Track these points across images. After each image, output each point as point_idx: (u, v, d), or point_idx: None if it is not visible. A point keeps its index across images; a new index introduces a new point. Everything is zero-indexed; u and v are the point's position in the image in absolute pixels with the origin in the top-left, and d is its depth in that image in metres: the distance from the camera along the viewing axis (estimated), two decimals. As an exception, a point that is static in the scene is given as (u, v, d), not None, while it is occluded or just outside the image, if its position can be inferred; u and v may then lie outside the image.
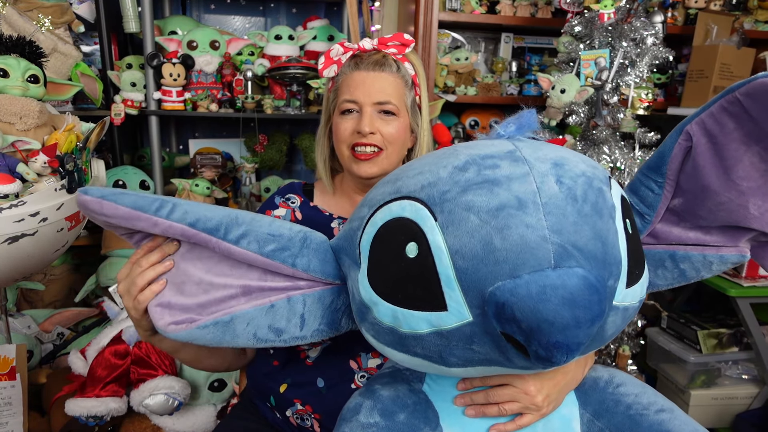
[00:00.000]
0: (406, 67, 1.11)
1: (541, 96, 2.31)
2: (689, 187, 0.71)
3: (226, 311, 0.69)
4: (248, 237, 0.68)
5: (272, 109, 2.13)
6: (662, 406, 0.75)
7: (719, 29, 2.14)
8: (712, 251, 0.74)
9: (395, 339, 0.65)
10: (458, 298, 0.58)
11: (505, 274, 0.55)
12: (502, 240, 0.56)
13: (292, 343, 0.73)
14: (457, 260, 0.57)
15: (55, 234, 1.21)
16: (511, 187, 0.58)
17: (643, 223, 0.75)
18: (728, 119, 0.65)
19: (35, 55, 1.27)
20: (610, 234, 0.61)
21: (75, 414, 1.33)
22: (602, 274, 0.58)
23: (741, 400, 2.01)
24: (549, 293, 0.52)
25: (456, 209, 0.58)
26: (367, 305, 0.66)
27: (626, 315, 0.66)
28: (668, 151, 0.70)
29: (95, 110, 2.06)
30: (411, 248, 0.60)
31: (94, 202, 0.65)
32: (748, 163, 0.66)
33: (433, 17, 2.25)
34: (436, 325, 0.61)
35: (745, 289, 1.79)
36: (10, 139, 1.19)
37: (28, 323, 1.72)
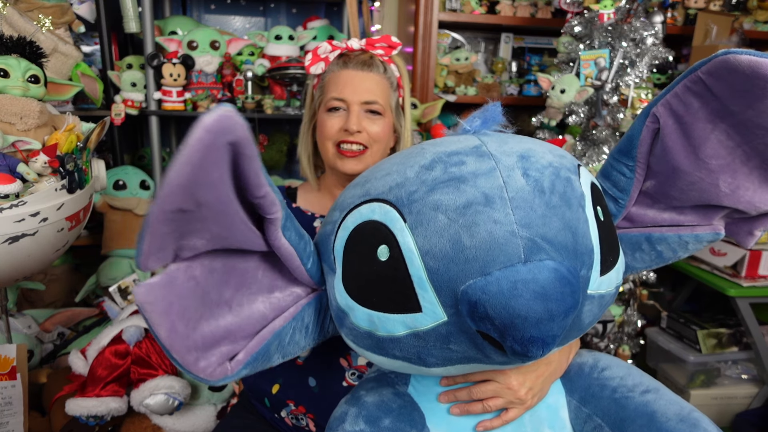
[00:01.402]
0: (392, 68, 1.13)
1: (541, 96, 2.32)
2: (660, 168, 0.71)
3: (264, 336, 0.65)
4: (290, 227, 0.63)
5: (272, 109, 2.13)
6: (647, 386, 0.75)
7: (719, 29, 2.14)
8: (687, 231, 0.74)
9: (373, 343, 0.65)
10: (432, 299, 0.58)
11: (476, 272, 0.55)
12: (471, 238, 0.55)
13: (296, 354, 0.71)
14: (428, 261, 0.57)
15: (55, 234, 1.21)
16: (477, 183, 0.58)
17: (617, 208, 0.75)
18: (693, 99, 0.64)
19: (36, 55, 1.27)
20: (580, 223, 0.60)
21: (75, 414, 1.33)
22: (574, 265, 0.58)
23: (740, 400, 2.01)
24: (520, 288, 0.52)
25: (424, 209, 0.58)
26: (344, 311, 0.66)
27: (603, 302, 0.66)
28: (636, 135, 0.70)
29: (96, 110, 2.07)
30: (382, 251, 0.60)
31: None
32: (715, 141, 0.66)
33: (433, 17, 2.26)
34: (412, 326, 0.60)
35: (744, 289, 1.79)
36: (11, 139, 1.19)
37: (28, 323, 1.73)
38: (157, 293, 0.54)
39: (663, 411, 0.71)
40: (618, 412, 0.73)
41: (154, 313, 0.54)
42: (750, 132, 0.64)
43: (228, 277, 0.63)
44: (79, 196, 1.23)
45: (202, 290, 0.59)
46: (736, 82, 0.60)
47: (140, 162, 2.42)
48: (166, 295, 0.55)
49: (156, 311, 0.54)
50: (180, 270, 0.56)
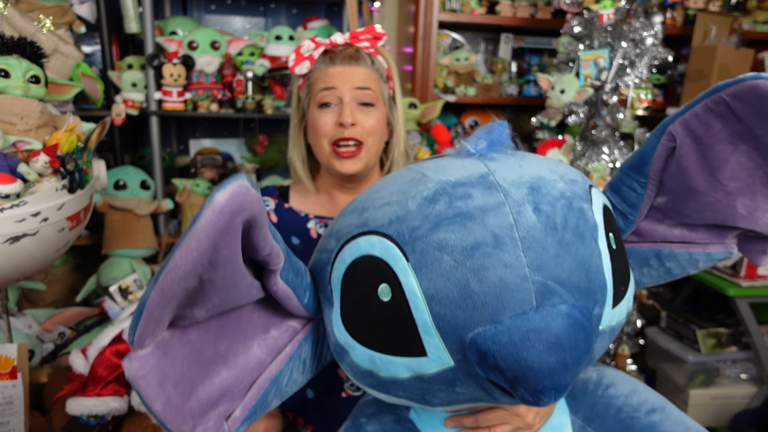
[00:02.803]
0: (380, 60, 1.10)
1: (541, 96, 2.32)
2: (673, 186, 0.69)
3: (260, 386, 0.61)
4: (288, 266, 0.59)
5: (272, 109, 2.14)
6: (653, 405, 0.74)
7: (718, 30, 2.14)
8: (698, 249, 0.71)
9: (375, 382, 0.62)
10: (438, 345, 0.55)
11: (485, 320, 0.52)
12: (480, 283, 0.52)
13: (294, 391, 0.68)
14: (434, 306, 0.54)
15: (56, 234, 1.21)
16: (485, 221, 0.54)
17: (625, 223, 0.72)
18: (714, 119, 0.62)
19: (36, 55, 1.28)
20: (594, 258, 0.58)
21: (76, 413, 1.34)
22: (588, 305, 0.55)
23: (740, 400, 2.02)
24: (532, 339, 0.49)
25: (428, 249, 0.54)
26: (343, 347, 0.63)
27: (613, 334, 0.64)
28: (650, 152, 0.67)
29: (96, 110, 2.07)
30: (383, 290, 0.56)
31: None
32: (735, 163, 0.64)
33: (433, 17, 2.26)
34: (416, 370, 0.57)
35: (744, 289, 1.79)
36: (12, 140, 1.20)
37: (29, 323, 1.73)
38: (150, 365, 0.51)
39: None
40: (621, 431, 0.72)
41: (149, 388, 0.51)
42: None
43: (224, 329, 0.59)
44: (80, 196, 1.23)
45: (197, 353, 0.55)
46: (764, 108, 0.58)
47: (140, 162, 2.42)
48: (162, 366, 0.51)
49: (150, 385, 0.51)
50: (175, 337, 0.53)
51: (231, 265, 0.49)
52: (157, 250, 2.09)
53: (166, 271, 0.44)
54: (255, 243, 0.51)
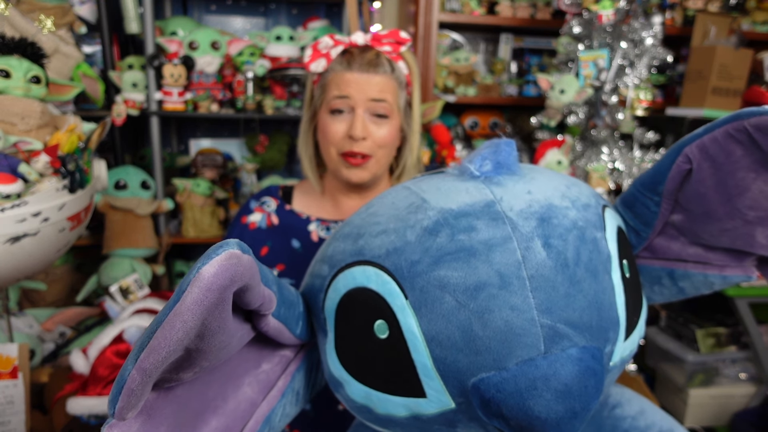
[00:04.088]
0: (400, 66, 1.05)
1: (541, 96, 2.32)
2: (690, 207, 0.65)
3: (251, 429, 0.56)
4: (280, 302, 0.54)
5: (273, 109, 2.14)
6: (660, 428, 0.71)
7: (717, 30, 2.14)
8: (714, 270, 0.67)
9: (372, 417, 0.59)
10: (438, 387, 0.52)
11: (489, 365, 0.48)
12: (484, 327, 0.49)
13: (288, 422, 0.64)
14: (434, 348, 0.50)
15: (56, 234, 1.22)
16: (490, 258, 0.50)
17: (638, 239, 0.68)
18: (735, 146, 0.58)
19: (37, 56, 1.28)
20: (607, 294, 0.54)
21: (77, 413, 1.34)
22: (599, 345, 0.52)
23: (739, 399, 2.02)
24: (540, 387, 0.46)
25: (428, 287, 0.51)
26: (338, 380, 0.60)
27: (623, 364, 0.61)
28: (665, 172, 0.63)
29: (97, 111, 2.08)
30: (380, 327, 0.53)
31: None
32: (757, 191, 0.60)
33: (433, 18, 2.26)
34: (414, 411, 0.54)
35: (743, 288, 1.80)
36: (12, 140, 1.20)
37: (30, 322, 1.73)
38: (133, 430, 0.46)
39: None
40: None
41: None
42: None
43: (212, 377, 0.54)
44: (81, 196, 1.24)
45: (183, 407, 0.51)
46: None
47: (141, 162, 2.43)
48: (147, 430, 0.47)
49: None
50: (159, 398, 0.48)
51: (220, 334, 0.45)
52: (158, 250, 2.10)
53: (148, 350, 0.40)
54: (247, 301, 0.48)
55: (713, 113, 2.06)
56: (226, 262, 0.40)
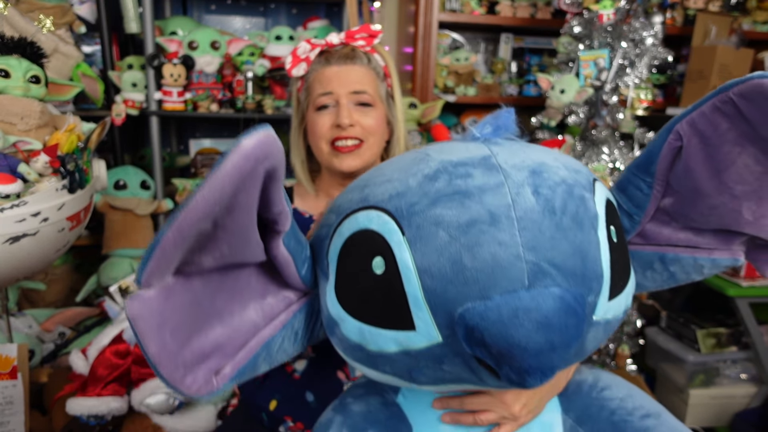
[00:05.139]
0: (377, 58, 1.09)
1: (541, 96, 2.32)
2: (680, 188, 0.67)
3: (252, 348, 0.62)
4: (291, 233, 0.59)
5: (273, 109, 2.14)
6: (648, 410, 0.72)
7: (718, 30, 2.14)
8: (703, 254, 0.69)
9: (363, 356, 0.62)
10: (427, 319, 0.55)
11: (475, 296, 0.51)
12: (472, 259, 0.52)
13: (284, 361, 0.68)
14: (425, 279, 0.54)
15: (56, 234, 1.21)
16: (483, 199, 0.54)
17: (631, 223, 0.70)
18: (721, 119, 0.60)
19: (36, 55, 1.28)
20: (592, 247, 0.57)
21: (76, 413, 1.34)
22: (581, 292, 0.54)
23: (740, 400, 2.02)
24: (521, 317, 0.49)
25: (424, 224, 0.54)
26: (334, 320, 0.63)
27: (609, 328, 0.63)
28: (657, 151, 0.66)
29: (96, 111, 2.07)
30: (377, 263, 0.56)
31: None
32: (742, 165, 0.62)
33: (433, 17, 2.26)
34: (404, 345, 0.57)
35: (744, 289, 1.79)
36: (12, 140, 1.20)
37: (29, 323, 1.73)
38: (152, 307, 0.50)
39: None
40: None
41: (147, 329, 0.50)
42: None
43: (222, 285, 0.59)
44: (80, 196, 1.23)
45: (198, 303, 0.55)
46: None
47: (141, 162, 2.42)
48: (162, 309, 0.51)
49: (149, 327, 0.50)
50: (179, 283, 0.52)
51: (246, 214, 0.49)
52: (157, 250, 2.10)
53: (186, 210, 0.44)
54: (271, 197, 0.52)
55: (714, 113, 2.06)
56: (264, 138, 0.45)
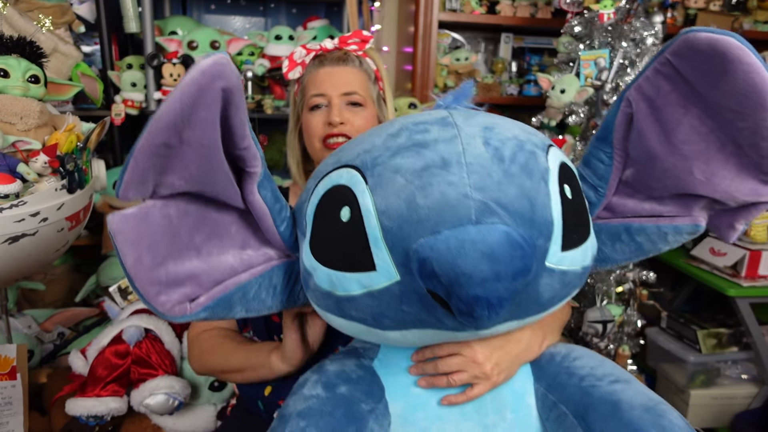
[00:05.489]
0: (368, 62, 1.15)
1: (541, 96, 2.32)
2: (636, 155, 0.70)
3: (227, 286, 0.67)
4: (267, 188, 0.66)
5: (272, 109, 2.13)
6: (618, 377, 0.72)
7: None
8: (666, 222, 0.72)
9: (333, 303, 0.66)
10: (385, 258, 0.59)
11: (427, 231, 0.56)
12: (425, 198, 0.57)
13: (263, 313, 0.73)
14: (384, 220, 0.58)
15: (55, 234, 1.21)
16: (437, 148, 0.60)
17: (596, 196, 0.74)
18: (663, 81, 0.64)
19: (36, 55, 1.27)
20: (540, 195, 0.60)
21: (75, 414, 1.33)
22: (529, 233, 0.57)
23: (740, 400, 2.01)
24: (467, 248, 0.52)
25: (385, 172, 0.60)
26: (309, 272, 0.67)
27: (565, 280, 0.65)
28: (612, 120, 0.69)
29: (96, 110, 2.07)
30: (345, 212, 0.61)
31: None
32: (687, 126, 0.65)
33: (433, 17, 2.26)
34: (367, 285, 0.61)
35: (744, 289, 1.79)
36: (11, 139, 1.20)
37: (28, 323, 1.73)
38: (129, 223, 0.56)
39: (629, 400, 0.68)
40: (582, 399, 0.70)
41: (124, 243, 0.56)
42: (721, 116, 0.63)
43: (201, 223, 0.64)
44: (79, 196, 1.23)
45: (173, 230, 0.61)
46: (698, 62, 0.59)
47: (140, 162, 2.42)
48: (138, 227, 0.57)
49: (125, 240, 0.57)
50: (156, 206, 0.58)
51: (208, 131, 0.54)
52: (157, 250, 2.09)
53: (153, 121, 0.51)
54: (233, 123, 0.57)
55: (714, 113, 2.05)
56: (220, 59, 0.52)
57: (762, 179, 0.66)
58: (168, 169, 0.56)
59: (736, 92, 0.59)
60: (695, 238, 2.07)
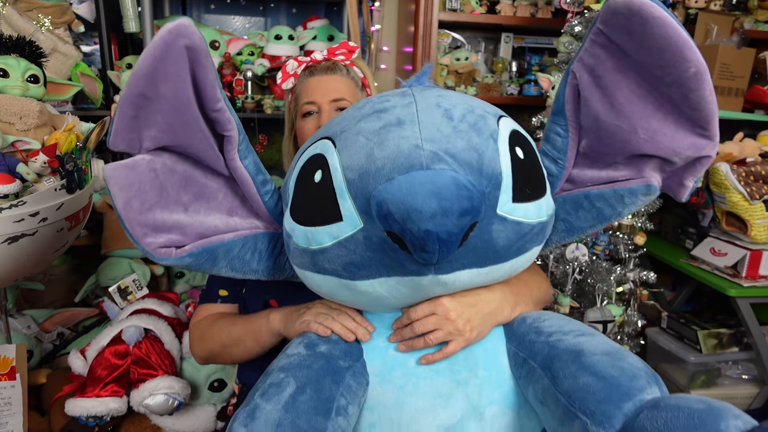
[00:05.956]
0: (356, 70, 1.24)
1: (541, 96, 2.31)
2: (587, 124, 0.75)
3: (212, 240, 0.75)
4: (249, 158, 0.75)
5: (272, 109, 2.13)
6: (584, 332, 0.76)
7: (719, 29, 2.14)
8: (621, 185, 0.77)
9: (309, 259, 0.73)
10: (350, 207, 0.66)
11: (384, 179, 0.62)
12: (381, 151, 0.64)
13: (249, 276, 0.82)
14: (348, 173, 0.66)
15: (55, 234, 1.21)
16: (394, 112, 0.68)
17: (557, 168, 0.79)
18: (599, 50, 0.70)
19: (35, 55, 1.27)
20: (488, 150, 0.66)
21: (75, 414, 1.33)
22: (476, 180, 0.63)
23: (741, 400, 2.01)
24: (417, 187, 0.58)
25: (350, 135, 0.69)
26: (289, 234, 0.75)
27: (520, 231, 0.70)
28: (562, 93, 0.76)
29: (95, 110, 2.06)
30: (317, 175, 0.69)
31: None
32: (626, 89, 0.70)
33: (433, 17, 2.25)
34: (336, 236, 0.68)
35: (745, 289, 1.79)
36: (10, 139, 1.19)
37: (28, 323, 1.72)
38: (120, 171, 0.66)
39: (592, 349, 0.71)
40: (549, 352, 0.73)
41: (115, 186, 0.65)
42: (652, 75, 0.68)
43: (187, 183, 0.73)
44: (79, 196, 1.23)
45: (160, 183, 0.70)
46: (622, 26, 0.65)
47: (140, 162, 2.41)
48: (128, 174, 0.66)
49: (117, 185, 0.65)
50: (144, 160, 0.68)
51: (178, 83, 0.63)
52: (157, 250, 2.09)
53: (132, 77, 0.61)
54: (202, 83, 0.65)
55: (715, 113, 2.05)
56: (183, 21, 0.61)
57: (699, 133, 0.71)
58: (150, 122, 0.65)
59: (657, 48, 0.64)
60: (696, 240, 2.07)
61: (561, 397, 0.68)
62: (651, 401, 0.61)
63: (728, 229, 1.90)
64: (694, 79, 0.66)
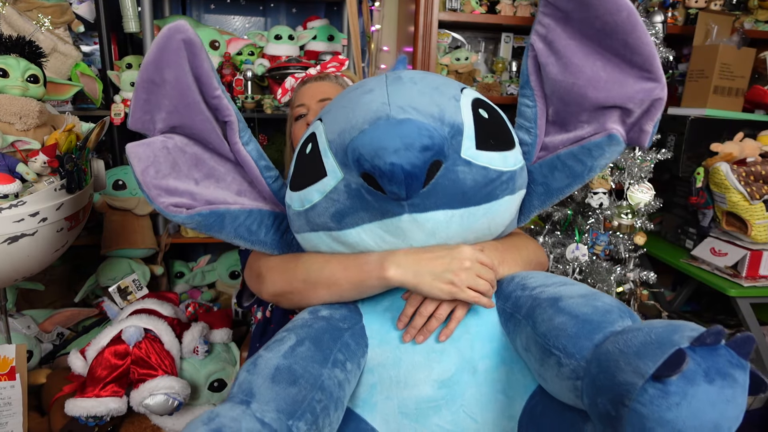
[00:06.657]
0: (345, 80, 1.32)
1: (541, 96, 2.31)
2: (550, 90, 0.84)
3: (220, 206, 0.85)
4: (251, 144, 0.87)
5: (272, 109, 2.13)
6: (566, 282, 0.79)
7: (719, 29, 2.13)
8: (587, 141, 0.83)
9: (304, 220, 0.83)
10: (332, 163, 0.76)
11: (357, 132, 0.71)
12: (354, 111, 0.75)
13: (257, 247, 0.91)
14: (329, 134, 0.78)
15: (54, 234, 1.21)
16: (368, 84, 0.79)
17: (531, 138, 0.87)
18: (548, 20, 0.80)
19: (35, 54, 1.27)
20: (450, 106, 0.75)
21: (75, 414, 1.33)
22: (437, 126, 0.71)
23: (741, 400, 2.01)
24: (382, 131, 0.67)
25: (333, 109, 0.82)
26: (289, 204, 0.85)
27: (488, 176, 0.76)
28: (526, 66, 0.85)
29: (95, 110, 2.06)
30: (309, 148, 0.81)
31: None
32: (576, 49, 0.79)
33: (433, 17, 2.25)
34: (322, 190, 0.78)
35: (745, 289, 1.79)
36: (10, 139, 1.19)
37: (27, 323, 1.72)
38: (138, 148, 0.78)
39: (569, 293, 0.74)
40: (532, 303, 0.77)
41: (135, 159, 0.77)
42: (595, 30, 0.76)
43: (198, 163, 0.84)
44: (79, 196, 1.23)
45: (173, 159, 0.81)
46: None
47: (140, 162, 2.41)
48: (145, 149, 0.78)
49: (136, 157, 0.78)
50: (158, 140, 0.80)
51: (179, 70, 0.75)
52: (157, 250, 2.09)
53: (142, 67, 0.75)
54: (201, 75, 0.78)
55: (715, 113, 2.05)
56: (180, 22, 0.74)
57: (645, 77, 0.77)
58: (160, 106, 0.78)
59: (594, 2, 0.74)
60: (696, 240, 2.07)
61: (539, 338, 0.72)
62: (620, 330, 0.63)
63: (728, 229, 1.90)
64: (629, 22, 0.74)
